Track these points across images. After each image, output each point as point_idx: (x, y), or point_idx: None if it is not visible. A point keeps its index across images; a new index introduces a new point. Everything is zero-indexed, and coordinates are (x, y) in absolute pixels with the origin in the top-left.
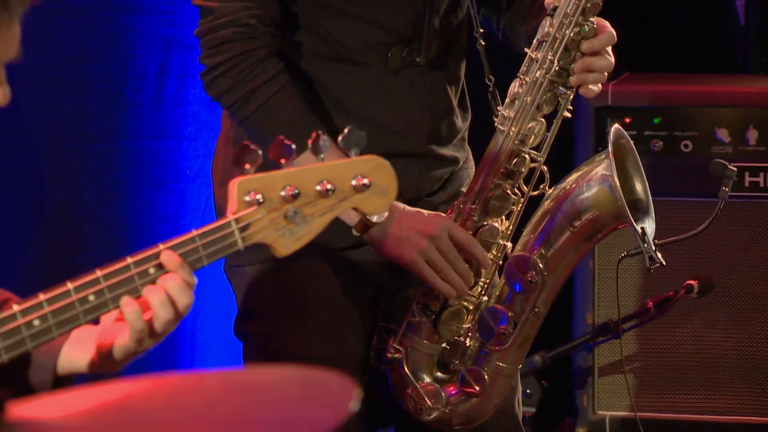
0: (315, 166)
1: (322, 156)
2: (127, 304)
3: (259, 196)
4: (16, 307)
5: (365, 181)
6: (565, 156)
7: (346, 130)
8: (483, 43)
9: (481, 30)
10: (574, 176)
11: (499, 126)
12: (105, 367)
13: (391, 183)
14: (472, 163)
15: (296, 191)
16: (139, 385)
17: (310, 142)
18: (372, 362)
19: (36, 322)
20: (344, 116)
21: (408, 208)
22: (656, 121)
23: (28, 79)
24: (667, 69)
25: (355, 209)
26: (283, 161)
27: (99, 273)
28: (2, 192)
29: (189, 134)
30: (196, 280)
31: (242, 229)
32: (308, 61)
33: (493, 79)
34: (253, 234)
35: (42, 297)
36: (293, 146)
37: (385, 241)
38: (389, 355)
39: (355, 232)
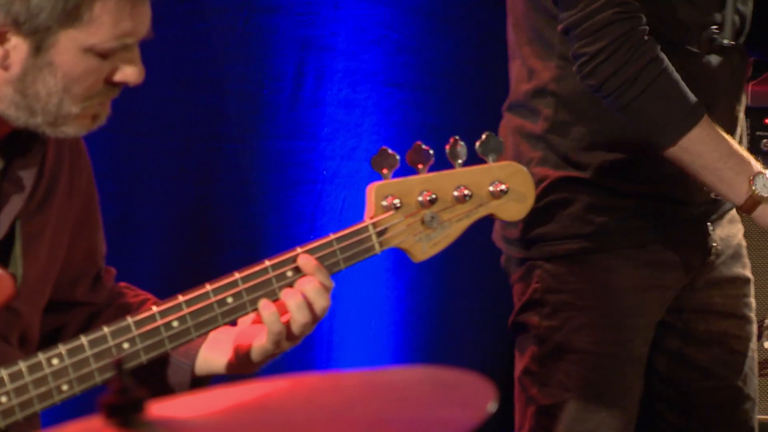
0: (452, 171)
1: (460, 161)
2: (265, 306)
3: (396, 201)
4: (155, 308)
5: (503, 187)
6: None
7: (483, 136)
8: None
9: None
10: None
11: None
12: (242, 368)
13: (528, 189)
14: None
15: (433, 196)
16: (277, 384)
17: (447, 147)
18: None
19: (175, 324)
20: None
21: None
22: None
23: (167, 80)
24: None
25: (492, 215)
26: (420, 166)
27: (237, 275)
28: (141, 192)
29: (326, 135)
30: (333, 284)
31: (379, 234)
32: None
33: None
34: (390, 238)
35: (181, 298)
36: (431, 151)
37: None
38: None
39: (740, 212)
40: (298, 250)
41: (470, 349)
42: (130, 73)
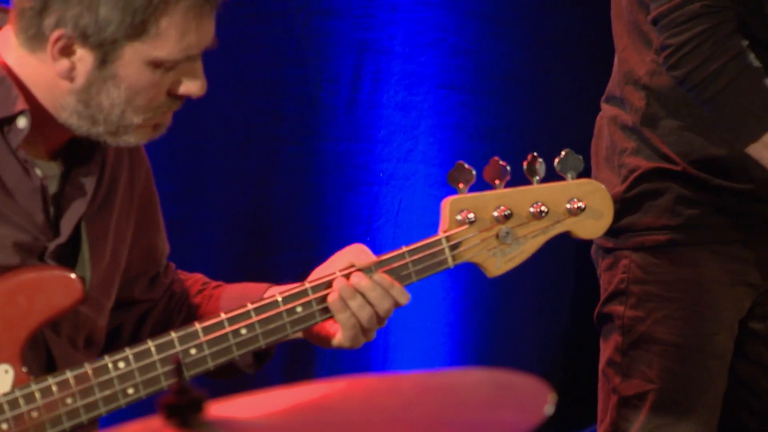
0: (529, 187)
1: (537, 178)
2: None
3: (471, 215)
4: (223, 315)
5: (580, 204)
6: None
7: (563, 153)
8: None
9: None
10: None
11: None
12: (316, 342)
13: (607, 207)
14: None
15: (509, 212)
16: (335, 386)
17: (525, 164)
18: None
19: (243, 331)
20: None
21: None
22: None
23: (226, 82)
24: None
25: (569, 232)
26: (497, 182)
27: (307, 285)
28: (200, 194)
29: (382, 137)
30: (408, 299)
31: (453, 247)
32: None
33: None
34: (464, 252)
35: (250, 306)
36: (508, 167)
37: None
38: None
39: None
40: (373, 268)
41: (527, 350)
42: (192, 86)
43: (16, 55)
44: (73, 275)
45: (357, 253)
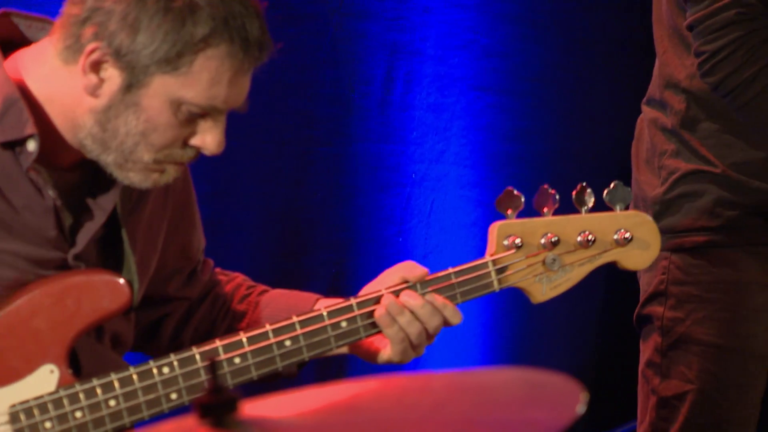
0: (577, 216)
1: (586, 208)
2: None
3: (518, 241)
4: (268, 326)
5: (627, 235)
6: None
7: (612, 185)
8: None
9: None
10: None
11: None
12: (363, 358)
13: (654, 239)
14: None
15: (556, 239)
16: (367, 385)
17: (574, 193)
18: None
19: (288, 343)
20: None
21: None
22: None
23: (260, 84)
24: None
25: (615, 262)
26: (545, 210)
27: (353, 300)
28: (233, 194)
29: (414, 139)
30: (460, 319)
31: (499, 271)
32: None
33: None
34: (510, 276)
35: (295, 319)
36: (557, 196)
37: None
38: None
39: None
40: (419, 286)
41: (559, 350)
42: (210, 140)
43: (48, 67)
44: (121, 280)
45: (408, 270)
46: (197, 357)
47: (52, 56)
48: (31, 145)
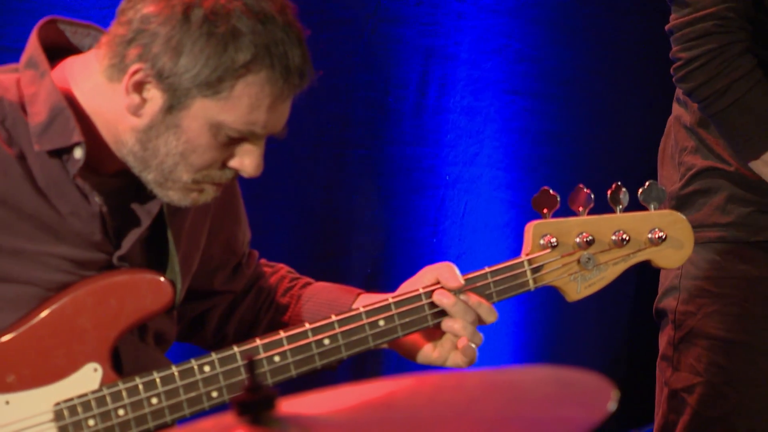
0: (612, 215)
1: (621, 207)
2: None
3: (553, 240)
4: (307, 325)
5: (661, 234)
6: None
7: (646, 185)
8: None
9: None
10: None
11: None
12: (403, 355)
13: (687, 238)
14: None
15: (591, 238)
16: (402, 383)
17: (609, 192)
18: None
19: (326, 341)
20: None
21: None
22: None
23: None
24: None
25: (649, 261)
26: (580, 209)
27: (391, 300)
28: (269, 196)
29: (448, 141)
30: (495, 317)
31: (534, 270)
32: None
33: None
34: (545, 275)
35: (334, 318)
36: (592, 195)
37: None
38: None
39: None
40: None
41: (590, 348)
42: (248, 163)
43: (93, 82)
44: (163, 279)
45: (443, 270)
46: (237, 355)
47: (98, 72)
48: (78, 153)
